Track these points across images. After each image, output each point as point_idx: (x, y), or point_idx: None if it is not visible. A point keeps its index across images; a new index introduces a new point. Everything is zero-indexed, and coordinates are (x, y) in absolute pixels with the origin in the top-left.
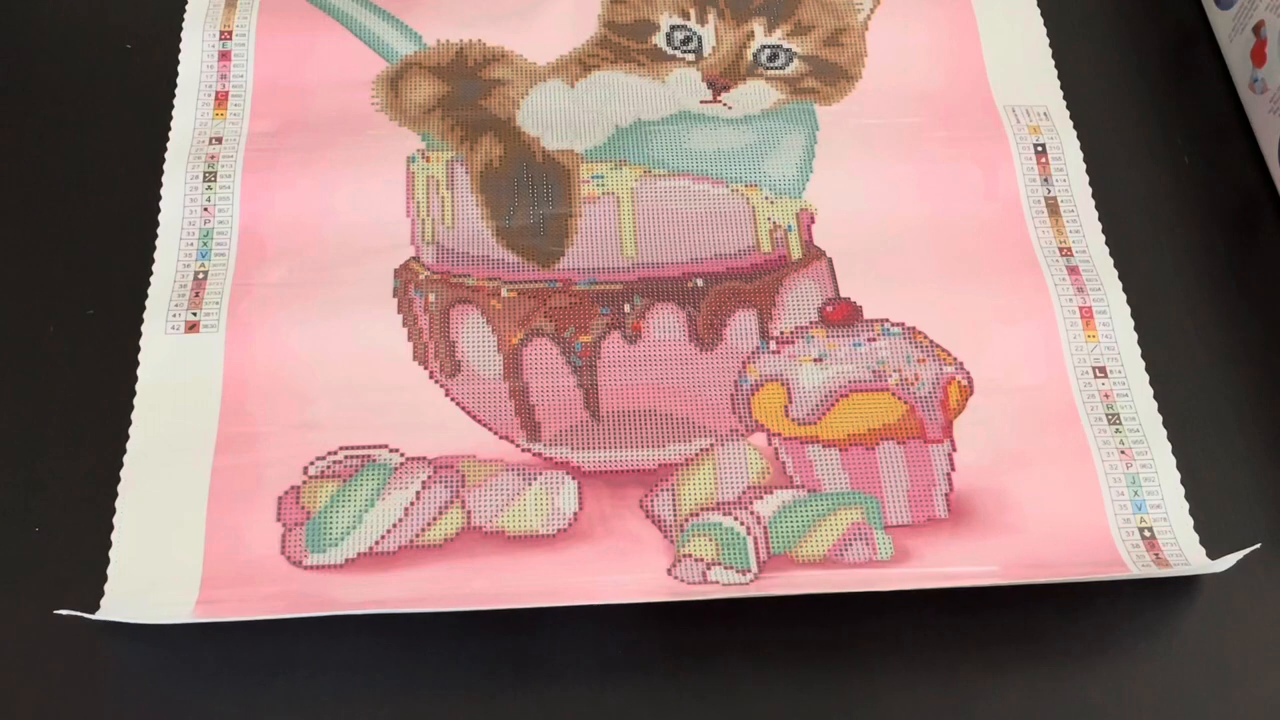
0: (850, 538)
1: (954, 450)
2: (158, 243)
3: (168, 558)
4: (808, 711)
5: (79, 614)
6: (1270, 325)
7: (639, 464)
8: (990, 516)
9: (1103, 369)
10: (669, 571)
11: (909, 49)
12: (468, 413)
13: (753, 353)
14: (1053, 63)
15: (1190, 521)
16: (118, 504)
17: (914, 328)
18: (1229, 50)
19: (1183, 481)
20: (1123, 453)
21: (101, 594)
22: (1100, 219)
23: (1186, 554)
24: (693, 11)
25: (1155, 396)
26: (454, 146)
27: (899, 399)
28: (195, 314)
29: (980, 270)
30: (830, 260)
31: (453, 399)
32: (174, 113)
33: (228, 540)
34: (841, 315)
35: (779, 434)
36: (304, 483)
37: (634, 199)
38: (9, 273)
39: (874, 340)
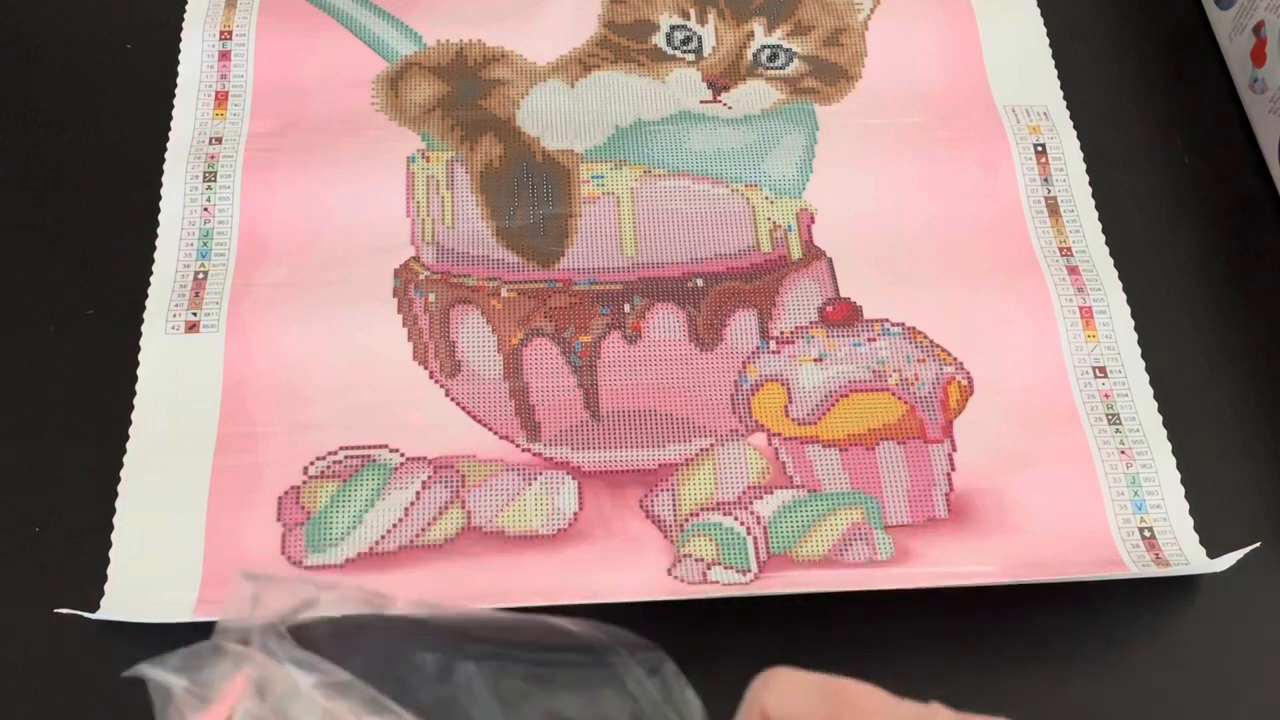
0: (850, 538)
1: (954, 450)
2: (158, 243)
3: (168, 557)
4: None
5: (79, 614)
6: (1270, 325)
7: (639, 464)
8: (990, 516)
9: (1103, 369)
10: (669, 571)
11: (909, 49)
12: (468, 413)
13: (753, 353)
14: (1053, 63)
15: (1190, 521)
16: (118, 504)
17: (914, 328)
18: (1229, 50)
19: (1183, 481)
20: (1123, 453)
21: (101, 594)
22: (1100, 219)
23: (1186, 554)
24: (693, 11)
25: (1155, 396)
26: (454, 146)
27: (899, 399)
28: (195, 314)
29: (980, 270)
30: (830, 260)
31: (453, 399)
32: (174, 113)
33: (228, 540)
34: (841, 315)
35: (779, 434)
36: (304, 483)
37: (634, 199)
38: (9, 273)
39: (874, 340)
